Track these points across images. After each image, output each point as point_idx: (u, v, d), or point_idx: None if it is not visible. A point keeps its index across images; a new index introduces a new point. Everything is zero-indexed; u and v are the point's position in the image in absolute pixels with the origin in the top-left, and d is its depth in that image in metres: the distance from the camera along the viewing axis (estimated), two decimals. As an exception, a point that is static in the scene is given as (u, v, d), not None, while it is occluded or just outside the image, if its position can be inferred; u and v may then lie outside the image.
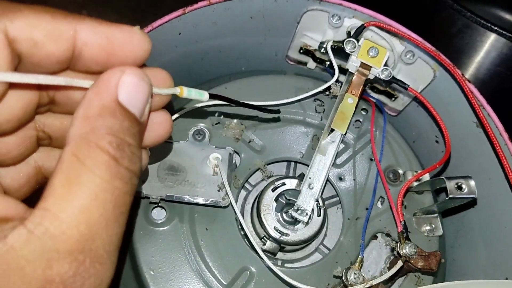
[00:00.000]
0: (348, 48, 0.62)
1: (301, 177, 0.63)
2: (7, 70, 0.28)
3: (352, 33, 0.64)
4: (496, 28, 0.82)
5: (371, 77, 0.63)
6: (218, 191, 0.57)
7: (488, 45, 0.85)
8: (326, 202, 0.64)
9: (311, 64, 0.75)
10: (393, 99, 0.73)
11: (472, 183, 0.55)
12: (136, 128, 0.30)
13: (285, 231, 0.58)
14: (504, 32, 0.82)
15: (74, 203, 0.26)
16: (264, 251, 0.57)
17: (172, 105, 0.64)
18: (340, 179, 0.64)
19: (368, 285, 0.53)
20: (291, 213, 0.58)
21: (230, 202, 0.56)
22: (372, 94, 0.73)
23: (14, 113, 0.32)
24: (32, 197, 0.40)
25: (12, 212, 0.27)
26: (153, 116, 0.36)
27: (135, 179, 0.29)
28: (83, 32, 0.32)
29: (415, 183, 0.62)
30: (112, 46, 0.32)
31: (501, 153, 0.57)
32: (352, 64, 0.63)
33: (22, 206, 0.28)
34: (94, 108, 0.28)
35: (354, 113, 0.62)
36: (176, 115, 0.59)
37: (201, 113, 0.62)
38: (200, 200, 0.56)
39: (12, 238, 0.25)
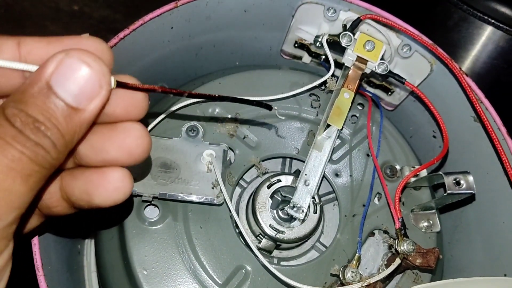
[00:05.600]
0: (344, 42, 0.61)
1: (296, 173, 0.62)
2: None
3: (348, 26, 0.63)
4: (492, 21, 0.81)
5: (368, 71, 0.62)
6: (212, 188, 0.56)
7: (485, 38, 0.84)
8: (322, 199, 0.63)
9: (306, 58, 0.74)
10: (389, 93, 0.72)
11: (471, 178, 0.55)
12: (64, 113, 0.29)
13: (281, 228, 0.57)
14: (500, 25, 0.81)
15: None
16: (259, 249, 0.56)
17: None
18: (337, 175, 0.63)
19: (365, 284, 0.52)
20: (287, 210, 0.57)
21: (225, 199, 0.55)
22: (368, 88, 0.72)
23: None
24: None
25: None
26: (121, 127, 0.35)
27: (41, 152, 0.29)
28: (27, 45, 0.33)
29: (413, 179, 0.61)
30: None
31: (499, 147, 0.56)
32: (348, 58, 0.62)
33: None
34: (25, 84, 0.29)
35: (350, 108, 0.60)
36: (169, 111, 0.58)
37: (194, 108, 0.61)
38: (194, 198, 0.55)
39: None
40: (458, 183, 0.54)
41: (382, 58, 0.61)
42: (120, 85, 0.33)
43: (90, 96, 0.30)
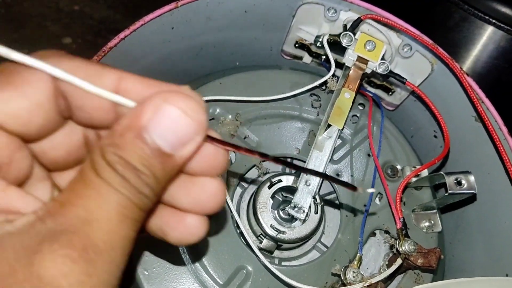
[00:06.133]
0: (344, 42, 0.61)
1: (297, 173, 0.62)
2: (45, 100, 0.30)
3: (348, 26, 0.62)
4: (493, 20, 0.81)
5: (368, 71, 0.62)
6: (213, 189, 0.55)
7: (486, 38, 0.84)
8: (324, 199, 0.63)
9: (307, 58, 0.73)
10: (390, 93, 0.72)
11: (472, 178, 0.55)
12: (159, 160, 0.29)
13: (282, 229, 0.57)
14: (501, 25, 0.81)
15: (83, 195, 0.28)
16: (260, 249, 0.56)
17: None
18: (338, 175, 0.63)
19: (367, 284, 0.52)
20: (288, 211, 0.57)
21: (226, 200, 0.55)
22: (369, 88, 0.72)
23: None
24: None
25: (26, 207, 0.29)
26: (200, 182, 0.34)
27: (144, 199, 0.29)
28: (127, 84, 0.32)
29: (414, 179, 0.61)
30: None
31: (501, 147, 0.56)
32: (349, 58, 0.62)
33: (39, 202, 0.30)
34: (122, 127, 0.29)
35: (351, 108, 0.60)
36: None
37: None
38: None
39: (20, 221, 0.27)
40: (459, 183, 0.54)
41: (382, 58, 0.61)
42: (209, 138, 0.32)
43: (185, 143, 0.30)
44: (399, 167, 0.63)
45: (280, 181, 0.60)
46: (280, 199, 0.60)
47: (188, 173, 0.34)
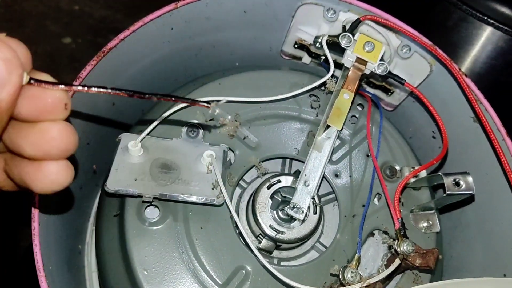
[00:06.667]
0: (343, 43, 0.61)
1: (296, 174, 0.62)
2: None
3: (347, 27, 0.63)
4: (492, 21, 0.81)
5: (367, 72, 0.62)
6: (213, 189, 0.56)
7: (484, 38, 0.84)
8: (322, 199, 0.64)
9: (306, 59, 0.74)
10: (389, 94, 0.72)
11: (470, 179, 0.55)
12: None
13: (281, 229, 0.57)
14: (500, 25, 0.81)
15: None
16: (259, 249, 0.56)
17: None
18: (336, 175, 0.63)
19: (365, 284, 0.52)
20: (287, 211, 0.57)
21: (225, 200, 0.55)
22: (368, 89, 0.72)
23: None
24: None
25: None
26: (38, 127, 0.34)
27: None
28: None
29: (412, 179, 0.61)
30: None
31: (498, 148, 0.56)
32: (348, 59, 0.62)
33: None
34: None
35: (350, 109, 0.61)
36: (169, 112, 0.58)
37: (194, 109, 0.61)
38: (194, 199, 0.55)
39: None
40: (457, 184, 0.55)
41: (381, 59, 0.61)
42: (34, 81, 0.32)
43: (1, 85, 0.29)
44: (397, 167, 0.64)
45: (279, 181, 0.60)
46: (279, 199, 0.60)
47: (20, 119, 0.33)
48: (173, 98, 0.38)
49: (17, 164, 0.35)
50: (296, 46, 0.72)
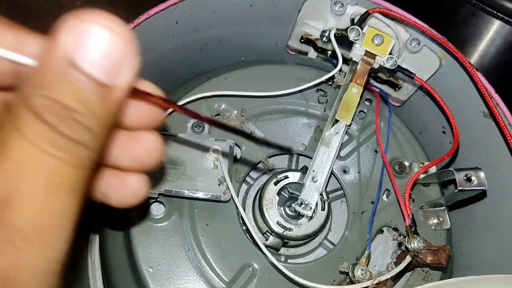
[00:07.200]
0: (352, 36, 0.60)
1: (304, 170, 0.61)
2: None
3: (356, 20, 0.61)
4: (501, 15, 0.80)
5: (376, 66, 0.61)
6: (219, 185, 0.55)
7: (493, 32, 0.83)
8: (330, 196, 0.63)
9: (312, 53, 0.72)
10: (396, 89, 0.71)
11: (482, 174, 0.54)
12: (97, 93, 0.24)
13: (288, 225, 0.56)
14: (509, 20, 0.80)
15: (1, 168, 0.23)
16: (266, 246, 0.55)
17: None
18: (345, 171, 0.62)
19: (376, 282, 0.51)
20: (294, 207, 0.56)
21: (231, 196, 0.55)
22: (375, 84, 0.71)
23: None
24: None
25: None
26: (135, 136, 0.32)
27: (82, 151, 0.24)
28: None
29: (422, 175, 0.60)
30: None
31: (511, 143, 0.55)
32: (356, 53, 0.61)
33: None
34: (42, 63, 0.24)
35: (358, 104, 0.59)
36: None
37: (200, 104, 0.60)
38: (200, 195, 0.54)
39: None
40: (469, 180, 0.53)
41: (390, 53, 0.60)
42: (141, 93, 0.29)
43: (117, 66, 0.24)
44: (407, 163, 0.62)
45: (286, 177, 0.59)
46: (287, 195, 0.59)
47: (125, 127, 0.31)
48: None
49: (99, 174, 0.33)
50: (302, 40, 0.71)
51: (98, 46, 0.23)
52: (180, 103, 0.58)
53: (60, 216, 0.24)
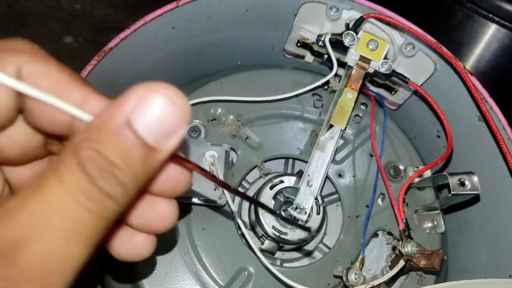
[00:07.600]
0: (346, 41, 0.60)
1: (299, 174, 0.61)
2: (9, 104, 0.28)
3: (350, 25, 0.62)
4: (497, 19, 0.80)
5: (371, 70, 0.61)
6: (215, 189, 0.55)
7: (489, 36, 0.83)
8: (325, 200, 0.63)
9: (309, 57, 0.73)
10: (392, 92, 0.71)
11: (475, 179, 0.54)
12: (141, 153, 0.25)
13: (283, 230, 0.57)
14: (505, 23, 0.80)
15: (30, 206, 0.24)
16: (262, 250, 0.55)
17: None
18: (340, 175, 0.63)
19: (369, 286, 0.51)
20: (289, 212, 0.56)
21: (227, 201, 0.55)
22: (372, 87, 0.72)
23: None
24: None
25: None
26: (156, 202, 0.32)
27: (110, 204, 0.25)
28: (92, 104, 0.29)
29: (417, 179, 0.61)
30: None
31: (504, 147, 0.55)
32: (351, 58, 0.61)
33: None
34: (100, 119, 0.25)
35: (353, 108, 0.60)
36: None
37: (196, 109, 0.60)
38: (196, 200, 0.54)
39: None
40: (462, 184, 0.54)
41: (385, 58, 0.60)
42: (178, 158, 0.30)
43: (168, 133, 0.26)
44: (401, 167, 0.63)
45: (282, 181, 0.59)
46: (282, 200, 0.59)
47: (151, 192, 0.31)
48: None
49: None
50: (298, 44, 0.72)
51: (155, 112, 0.25)
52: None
53: (68, 263, 0.24)
